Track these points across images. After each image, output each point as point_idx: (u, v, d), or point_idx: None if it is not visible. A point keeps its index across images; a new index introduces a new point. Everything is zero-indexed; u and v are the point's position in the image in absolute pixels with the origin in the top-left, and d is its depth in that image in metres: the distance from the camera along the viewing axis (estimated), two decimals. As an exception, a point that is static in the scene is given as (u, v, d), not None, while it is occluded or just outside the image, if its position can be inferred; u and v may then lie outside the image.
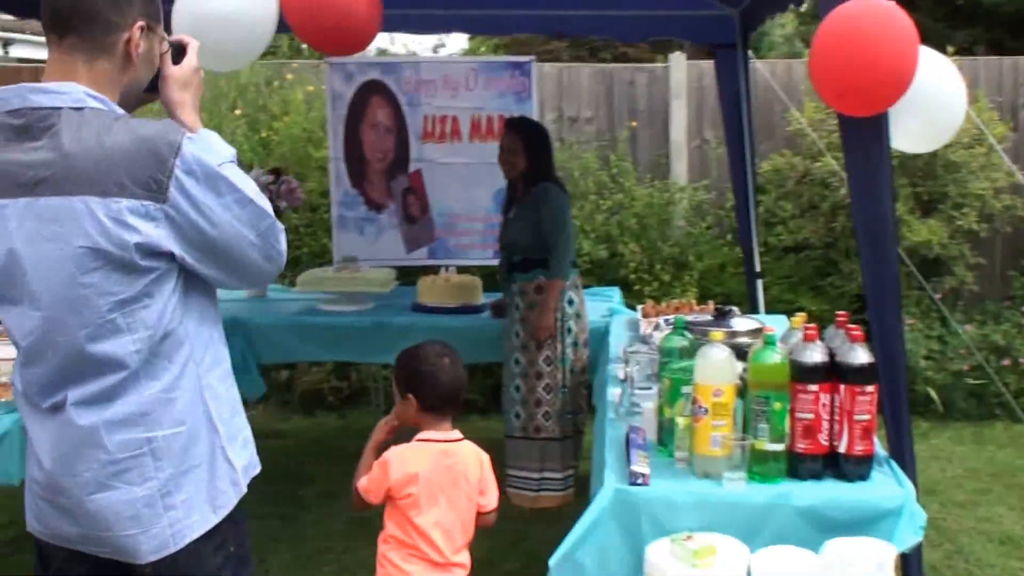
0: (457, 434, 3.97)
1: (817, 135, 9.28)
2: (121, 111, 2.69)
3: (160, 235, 2.61)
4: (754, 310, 7.54)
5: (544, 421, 6.52)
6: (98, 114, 2.61)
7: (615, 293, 7.77)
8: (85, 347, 2.61)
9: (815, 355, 3.56)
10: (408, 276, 8.13)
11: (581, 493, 6.75)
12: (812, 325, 3.68)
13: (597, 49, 15.55)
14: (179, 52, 2.90)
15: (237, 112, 9.94)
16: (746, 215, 7.65)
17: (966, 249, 9.22)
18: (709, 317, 5.54)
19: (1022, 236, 9.69)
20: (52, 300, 2.60)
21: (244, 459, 2.93)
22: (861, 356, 3.56)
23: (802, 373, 3.55)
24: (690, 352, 3.87)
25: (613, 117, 10.05)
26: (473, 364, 8.41)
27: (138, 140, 2.58)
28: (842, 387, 3.55)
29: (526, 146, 6.47)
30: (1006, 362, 8.89)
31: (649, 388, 4.31)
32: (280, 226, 2.85)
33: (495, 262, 8.09)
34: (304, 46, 11.65)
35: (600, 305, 7.22)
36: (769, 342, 3.56)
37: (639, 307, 6.54)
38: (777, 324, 6.26)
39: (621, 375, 5.02)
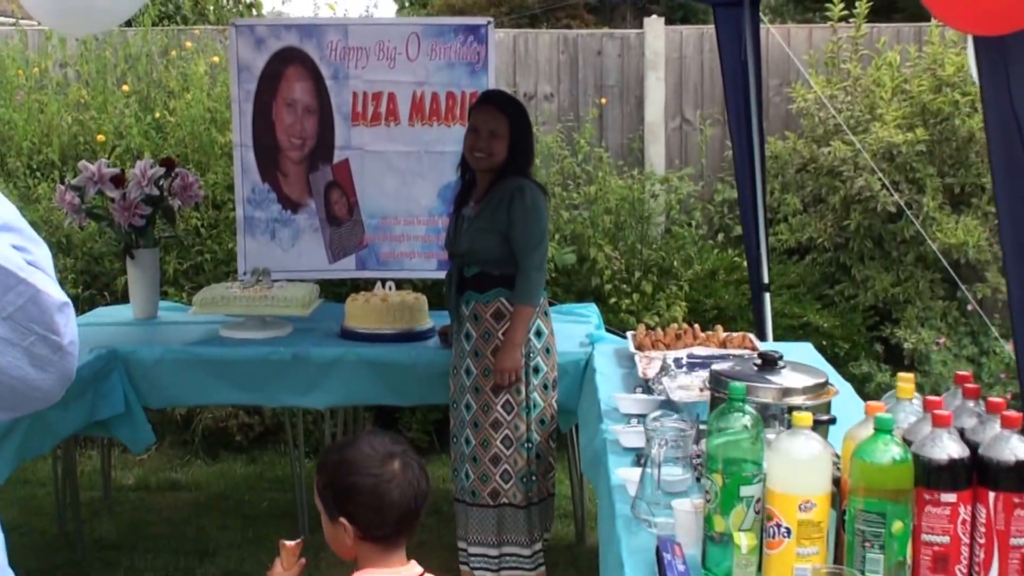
0: (415, 568, 2.94)
1: (824, 115, 8.42)
2: None
3: None
4: (760, 332, 6.57)
5: (502, 483, 5.46)
6: None
7: (593, 312, 6.78)
8: None
9: (950, 448, 2.57)
10: (331, 291, 7.22)
11: (556, 572, 5.82)
12: (937, 399, 2.70)
13: (552, 11, 14.63)
14: None
15: (125, 88, 9.04)
16: (752, 213, 6.69)
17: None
18: (732, 358, 4.61)
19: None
20: None
21: None
22: (1018, 447, 2.58)
23: (932, 476, 2.56)
24: (753, 434, 2.87)
25: (578, 93, 9.13)
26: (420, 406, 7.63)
27: None
28: (991, 496, 2.56)
29: (511, 130, 5.41)
30: (1055, 388, 7.94)
31: (683, 475, 3.31)
32: (57, 300, 1.82)
33: (440, 275, 7.10)
34: (211, 7, 10.65)
35: (574, 329, 6.23)
36: (883, 429, 2.57)
37: (629, 334, 5.62)
38: (802, 355, 5.43)
39: (627, 441, 4.04)
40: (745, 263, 8.17)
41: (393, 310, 6.06)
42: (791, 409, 3.38)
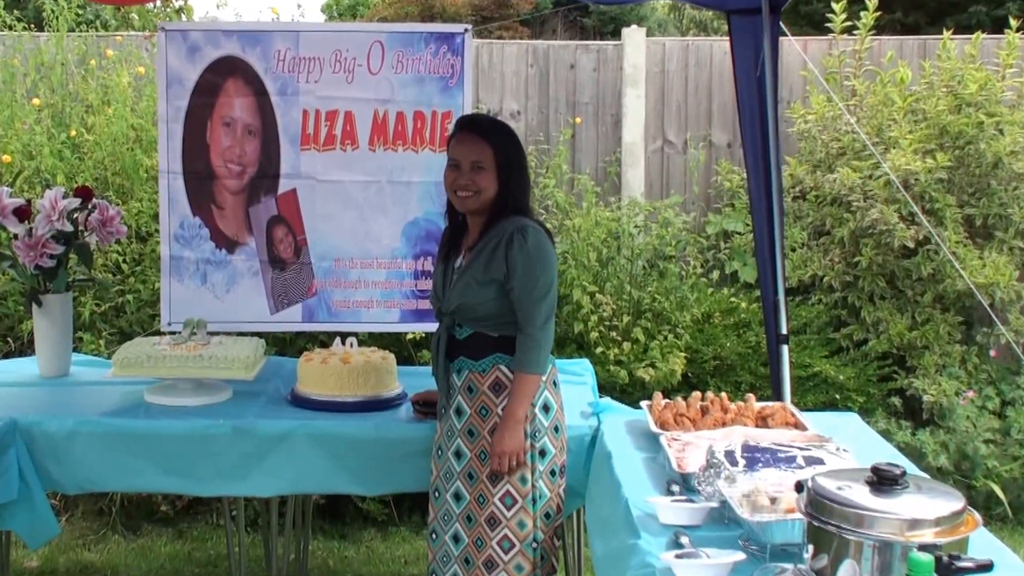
0: None
1: (827, 138, 7.62)
2: None
3: None
4: (777, 392, 5.68)
5: (498, 592, 4.51)
6: None
7: (587, 370, 5.84)
8: None
9: None
10: (276, 341, 6.42)
11: None
12: None
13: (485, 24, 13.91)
14: None
15: (36, 102, 8.11)
16: (769, 252, 5.82)
17: (1024, 290, 7.55)
18: (801, 455, 3.73)
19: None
20: None
21: None
22: None
23: None
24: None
25: (548, 111, 8.30)
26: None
27: None
28: None
29: (498, 161, 4.49)
30: (1090, 444, 7.24)
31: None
32: None
33: (403, 328, 6.19)
34: (136, 14, 9.73)
35: (568, 392, 5.21)
36: None
37: (644, 405, 4.77)
38: (848, 428, 4.74)
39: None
40: (743, 304, 7.39)
41: (356, 373, 5.09)
42: (923, 549, 2.64)
